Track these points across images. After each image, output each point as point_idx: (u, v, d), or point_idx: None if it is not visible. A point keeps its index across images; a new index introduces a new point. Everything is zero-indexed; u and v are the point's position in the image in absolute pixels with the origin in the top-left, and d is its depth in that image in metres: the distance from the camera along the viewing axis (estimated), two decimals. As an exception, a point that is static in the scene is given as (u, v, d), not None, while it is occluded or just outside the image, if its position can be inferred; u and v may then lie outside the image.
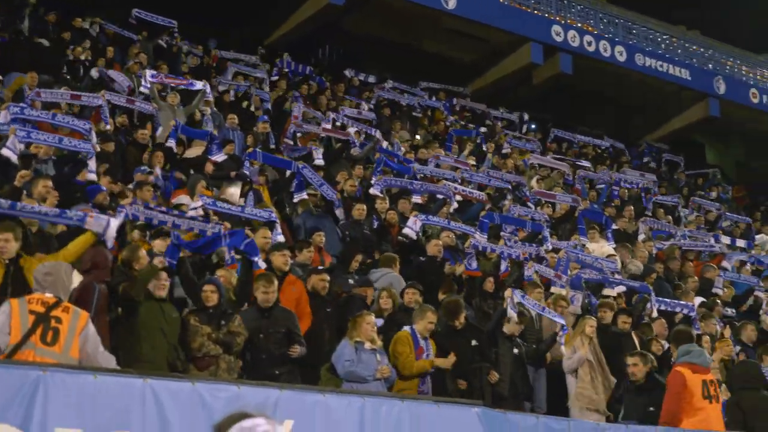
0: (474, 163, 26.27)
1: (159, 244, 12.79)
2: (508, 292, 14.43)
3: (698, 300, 19.24)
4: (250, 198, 17.68)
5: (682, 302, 18.17)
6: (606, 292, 17.99)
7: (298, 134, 22.90)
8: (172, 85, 22.21)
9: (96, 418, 7.35)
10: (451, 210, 20.46)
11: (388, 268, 15.27)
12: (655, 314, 17.07)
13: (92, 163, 15.66)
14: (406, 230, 17.70)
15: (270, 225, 15.08)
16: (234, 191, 17.79)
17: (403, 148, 25.01)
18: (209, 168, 18.33)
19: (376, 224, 18.18)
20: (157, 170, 17.27)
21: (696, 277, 20.97)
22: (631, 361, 12.57)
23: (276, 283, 12.16)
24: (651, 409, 12.08)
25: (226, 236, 12.91)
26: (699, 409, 11.30)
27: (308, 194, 18.52)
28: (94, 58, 23.83)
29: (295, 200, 18.29)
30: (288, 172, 19.08)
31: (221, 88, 25.42)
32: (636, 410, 12.15)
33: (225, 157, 18.95)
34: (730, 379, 13.92)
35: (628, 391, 12.73)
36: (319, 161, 20.65)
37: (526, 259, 17.25)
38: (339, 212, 18.08)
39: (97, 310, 10.38)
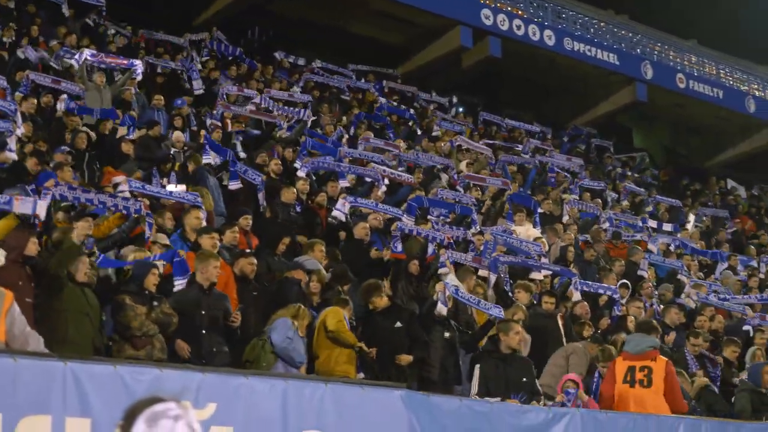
0: (405, 146, 26.28)
1: (82, 226, 12.69)
2: (440, 286, 14.39)
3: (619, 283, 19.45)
4: (173, 178, 17.58)
5: (604, 285, 18.36)
6: (533, 275, 18.14)
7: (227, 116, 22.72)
8: (113, 65, 22.04)
9: (16, 402, 7.31)
10: (380, 193, 20.49)
11: (307, 255, 15.17)
12: (576, 298, 17.20)
13: (12, 143, 15.52)
14: (335, 213, 17.70)
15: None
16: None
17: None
18: (127, 148, 18.16)
19: (299, 207, 18.10)
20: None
21: (622, 260, 21.18)
22: (519, 329, 12.70)
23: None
24: (524, 379, 12.40)
25: (156, 257, 12.94)
26: (618, 393, 12.06)
27: None
28: (18, 37, 23.51)
29: (231, 188, 18.14)
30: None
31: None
32: (507, 380, 12.15)
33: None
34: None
35: (494, 357, 12.65)
36: (240, 153, 20.48)
37: (450, 244, 17.33)
38: (261, 195, 17.97)
39: (20, 292, 10.28)
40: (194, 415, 3.84)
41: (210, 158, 18.46)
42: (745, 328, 18.76)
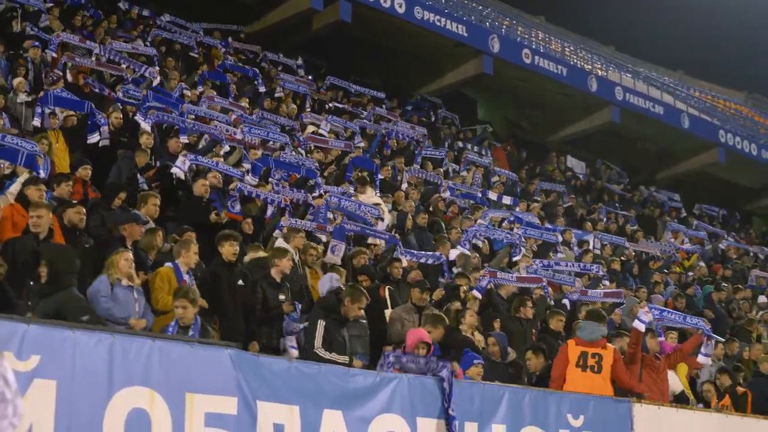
0: (247, 105, 26.16)
1: None
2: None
3: (455, 252, 19.72)
4: (6, 120, 17.24)
5: (430, 253, 18.62)
6: (371, 240, 18.36)
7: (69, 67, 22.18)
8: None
9: None
10: (222, 152, 20.39)
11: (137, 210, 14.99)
12: (404, 263, 17.45)
13: None
14: (174, 170, 17.54)
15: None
16: None
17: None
18: None
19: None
20: None
21: (459, 229, 21.50)
22: (364, 304, 13.04)
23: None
24: (359, 347, 13.07)
25: None
26: (570, 375, 13.34)
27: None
28: None
29: (89, 142, 17.78)
30: None
31: None
32: (344, 343, 12.58)
33: None
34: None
35: (333, 318, 12.84)
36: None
37: (287, 206, 17.38)
38: (105, 141, 17.75)
39: None
40: (9, 365, 3.80)
41: (93, 138, 17.99)
42: (564, 301, 19.33)
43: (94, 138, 17.72)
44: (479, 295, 17.11)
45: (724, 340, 19.81)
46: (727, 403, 16.48)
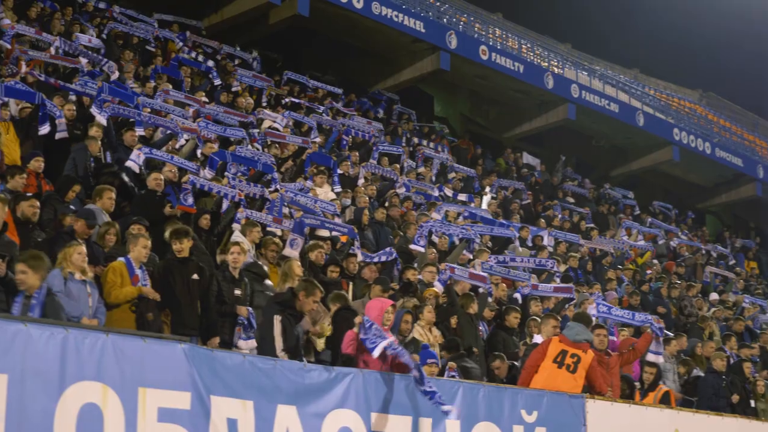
0: (206, 99, 26.03)
1: None
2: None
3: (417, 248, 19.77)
4: None
5: (381, 251, 18.63)
6: (320, 232, 18.40)
7: (25, 61, 21.90)
8: None
9: None
10: (177, 146, 20.28)
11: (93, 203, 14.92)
12: (360, 258, 17.49)
13: None
14: (129, 163, 17.42)
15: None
16: None
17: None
18: None
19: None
20: None
21: (415, 224, 21.54)
22: (318, 297, 12.90)
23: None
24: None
25: None
26: (545, 369, 13.64)
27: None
28: None
29: (41, 133, 17.58)
30: None
31: None
32: (297, 337, 12.51)
33: None
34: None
35: (289, 314, 12.77)
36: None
37: (242, 200, 17.33)
38: (61, 134, 17.61)
39: None
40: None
41: (44, 129, 17.75)
42: (515, 295, 19.41)
43: (44, 129, 17.51)
44: (441, 289, 17.19)
45: (672, 335, 19.98)
46: (649, 401, 16.50)
